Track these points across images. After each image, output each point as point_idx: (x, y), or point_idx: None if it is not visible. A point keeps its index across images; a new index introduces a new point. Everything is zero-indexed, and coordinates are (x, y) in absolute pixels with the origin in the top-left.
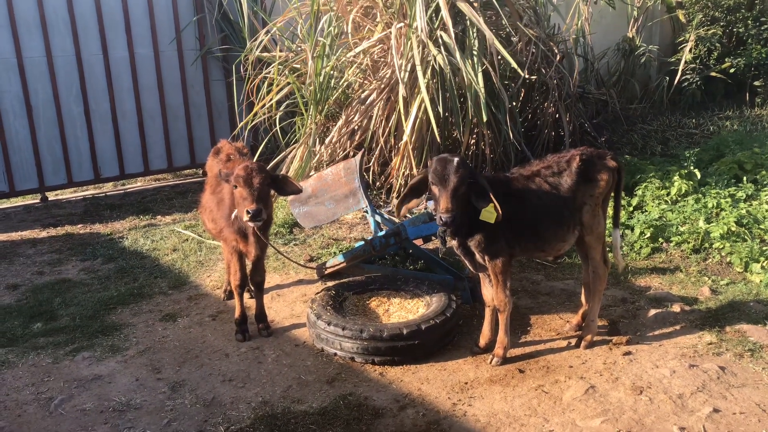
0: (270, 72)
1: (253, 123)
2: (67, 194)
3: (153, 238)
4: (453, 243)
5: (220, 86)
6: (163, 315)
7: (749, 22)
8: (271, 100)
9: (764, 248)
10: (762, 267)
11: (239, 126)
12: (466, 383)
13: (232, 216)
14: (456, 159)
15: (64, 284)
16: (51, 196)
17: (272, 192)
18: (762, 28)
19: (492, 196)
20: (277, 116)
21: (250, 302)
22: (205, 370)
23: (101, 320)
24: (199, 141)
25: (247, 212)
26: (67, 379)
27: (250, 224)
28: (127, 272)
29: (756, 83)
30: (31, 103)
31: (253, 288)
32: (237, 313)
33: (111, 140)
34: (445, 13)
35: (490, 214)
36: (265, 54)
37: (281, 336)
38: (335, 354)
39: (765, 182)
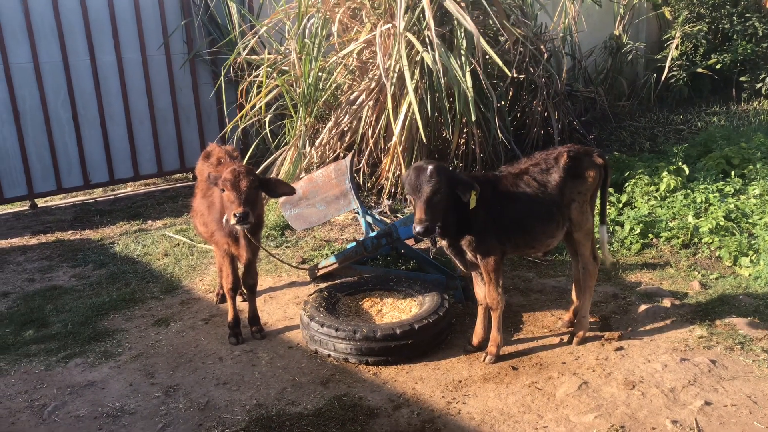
0: (259, 74)
1: (243, 126)
2: (57, 201)
3: (144, 243)
4: (443, 243)
5: (209, 89)
6: (155, 320)
7: (734, 18)
8: (259, 102)
9: (752, 242)
10: (751, 260)
11: (227, 128)
12: (460, 381)
13: (223, 219)
14: (430, 167)
15: (55, 291)
16: (40, 202)
17: (263, 195)
18: (746, 24)
19: (471, 182)
20: (267, 119)
21: (242, 305)
22: (199, 373)
23: (93, 326)
24: (189, 144)
25: (235, 215)
26: (60, 385)
27: (238, 227)
28: (118, 278)
29: (742, 79)
30: (19, 110)
31: (245, 291)
32: (230, 317)
33: (100, 145)
34: (428, 13)
35: (474, 199)
36: (253, 57)
37: (275, 338)
38: (329, 355)
39: (752, 177)
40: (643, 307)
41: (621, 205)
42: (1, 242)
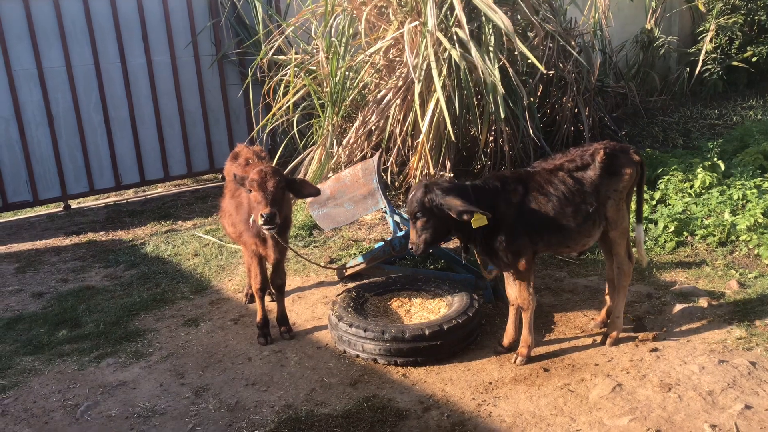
0: (286, 74)
1: (271, 126)
2: (89, 202)
3: (174, 243)
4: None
5: (237, 90)
6: (185, 320)
7: None
8: (287, 102)
9: None
10: None
11: (255, 129)
12: (491, 383)
13: (251, 220)
14: (416, 191)
15: (88, 291)
16: (73, 204)
17: (290, 195)
18: None
19: (469, 207)
20: (295, 119)
21: (271, 305)
22: (228, 374)
23: (125, 326)
24: (218, 145)
25: (261, 216)
26: (92, 385)
27: (265, 228)
28: (149, 278)
29: None
30: (52, 113)
31: (274, 291)
32: (259, 317)
33: (131, 147)
34: (458, 9)
35: (479, 221)
36: (280, 57)
37: (303, 338)
38: (357, 356)
39: None
40: (678, 307)
41: (654, 203)
42: (36, 243)
